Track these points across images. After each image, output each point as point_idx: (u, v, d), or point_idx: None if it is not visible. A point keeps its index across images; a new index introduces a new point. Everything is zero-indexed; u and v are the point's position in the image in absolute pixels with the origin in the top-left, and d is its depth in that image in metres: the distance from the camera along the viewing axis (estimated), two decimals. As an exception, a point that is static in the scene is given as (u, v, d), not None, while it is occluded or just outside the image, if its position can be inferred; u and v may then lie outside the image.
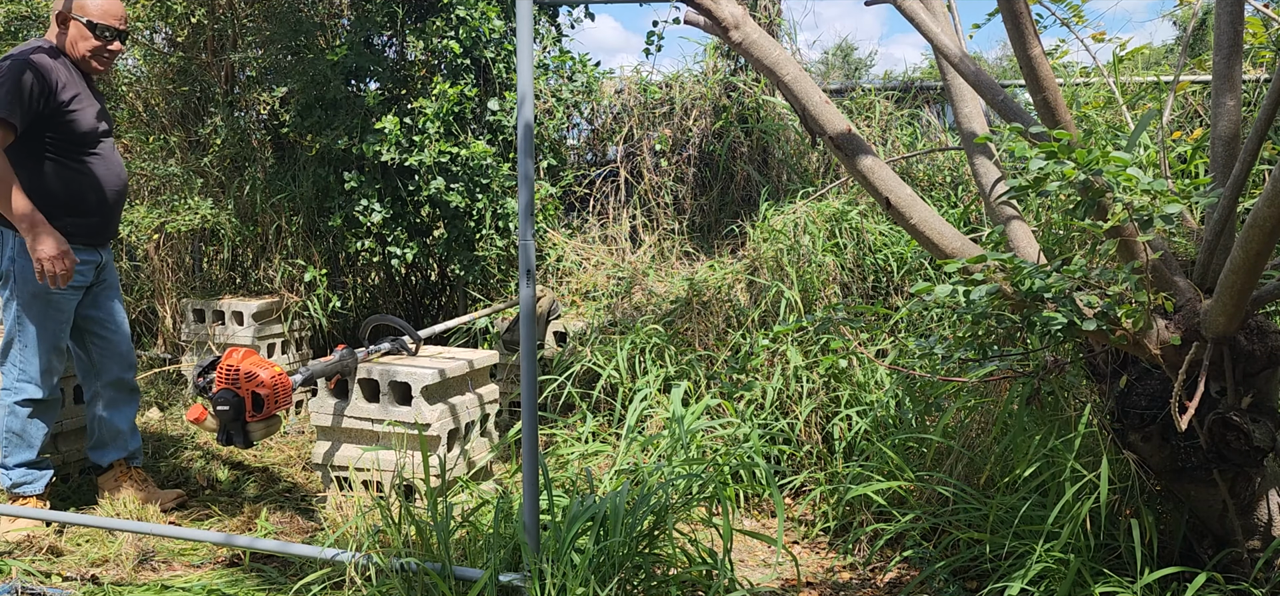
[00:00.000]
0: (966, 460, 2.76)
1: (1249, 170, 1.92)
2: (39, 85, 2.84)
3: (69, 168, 2.97)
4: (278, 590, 2.53)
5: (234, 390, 2.65)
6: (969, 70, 2.23)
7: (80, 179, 3.00)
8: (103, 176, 3.06)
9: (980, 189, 2.49)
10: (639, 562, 2.27)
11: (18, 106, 2.79)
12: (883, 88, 5.18)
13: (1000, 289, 1.96)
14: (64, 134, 2.94)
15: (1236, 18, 2.08)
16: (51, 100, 2.88)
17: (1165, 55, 7.04)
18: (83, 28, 2.98)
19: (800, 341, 3.52)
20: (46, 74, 2.87)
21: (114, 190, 3.11)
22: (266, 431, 2.72)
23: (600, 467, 3.23)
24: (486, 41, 4.53)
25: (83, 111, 2.97)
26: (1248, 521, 2.14)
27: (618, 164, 4.94)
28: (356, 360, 3.03)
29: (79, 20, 2.97)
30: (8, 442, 3.08)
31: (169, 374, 4.83)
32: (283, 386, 2.70)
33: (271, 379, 2.67)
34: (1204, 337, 1.96)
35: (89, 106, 3.01)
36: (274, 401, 2.67)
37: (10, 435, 3.07)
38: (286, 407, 2.90)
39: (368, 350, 3.12)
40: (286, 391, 2.72)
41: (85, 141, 2.99)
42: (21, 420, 3.06)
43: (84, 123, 2.97)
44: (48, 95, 2.87)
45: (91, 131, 3.00)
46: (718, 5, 2.21)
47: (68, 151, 2.96)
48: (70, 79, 2.96)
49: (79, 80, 3.01)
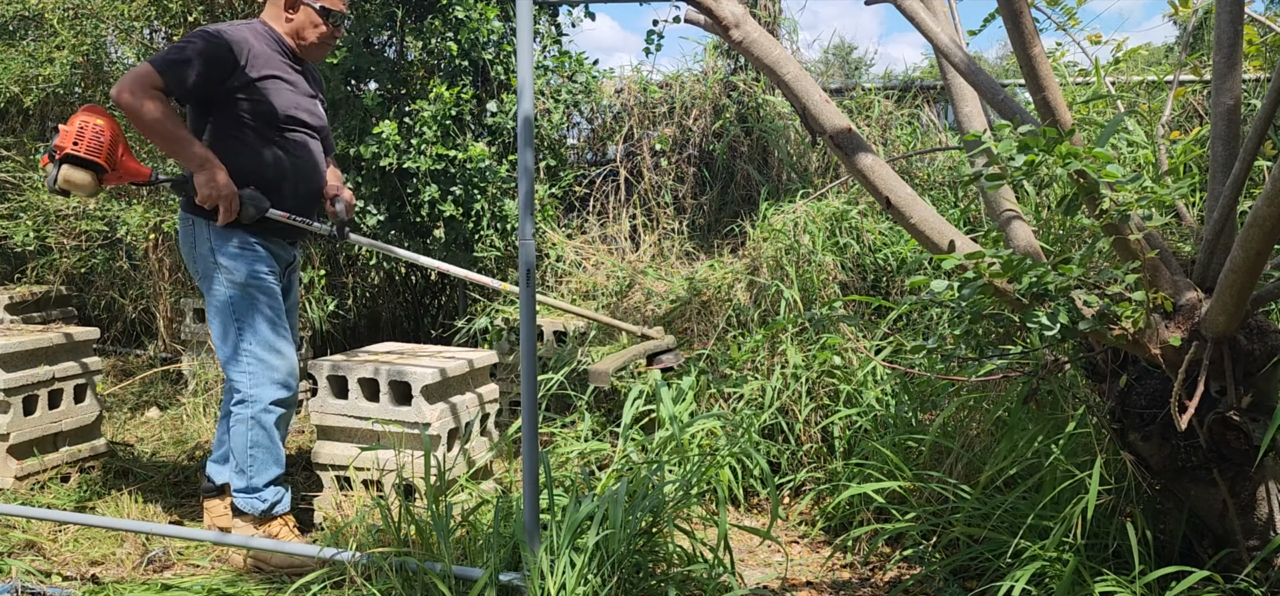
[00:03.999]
0: (966, 459, 2.76)
1: (1249, 169, 1.92)
2: (223, 57, 2.71)
3: (248, 148, 2.80)
4: (278, 590, 2.53)
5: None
6: (969, 70, 2.23)
7: (276, 163, 2.84)
8: (289, 167, 2.87)
9: (981, 189, 2.49)
10: (638, 561, 2.27)
11: (185, 69, 2.66)
12: (883, 87, 5.18)
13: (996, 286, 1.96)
14: (246, 113, 2.78)
15: (1236, 17, 2.08)
16: (237, 76, 2.74)
17: (1165, 55, 7.04)
18: (315, 13, 2.89)
19: (799, 340, 3.52)
20: (237, 47, 2.73)
21: (303, 188, 2.91)
22: (72, 178, 2.61)
23: (608, 473, 3.23)
24: (485, 43, 4.53)
25: (276, 94, 2.81)
26: (1247, 521, 2.14)
27: (617, 163, 4.94)
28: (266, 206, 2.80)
29: (312, 6, 2.89)
30: (252, 460, 2.80)
31: (169, 374, 4.83)
32: (89, 131, 2.62)
33: (77, 123, 2.61)
34: (1204, 337, 1.96)
35: (287, 91, 2.85)
36: (76, 140, 2.58)
37: (256, 449, 2.79)
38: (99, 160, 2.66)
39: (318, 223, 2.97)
40: (96, 139, 2.62)
41: (273, 124, 2.82)
42: (268, 429, 2.80)
43: (275, 105, 2.80)
44: (233, 70, 2.73)
45: (283, 115, 2.83)
46: (718, 4, 2.21)
47: (245, 132, 2.79)
48: (269, 58, 2.82)
49: (284, 65, 2.87)
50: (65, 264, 5.07)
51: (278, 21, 2.91)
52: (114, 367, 5.14)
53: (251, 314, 2.79)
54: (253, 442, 2.81)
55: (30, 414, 3.46)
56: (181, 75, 2.65)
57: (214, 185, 2.67)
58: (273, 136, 2.83)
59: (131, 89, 2.58)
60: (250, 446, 2.81)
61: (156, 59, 2.66)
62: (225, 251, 2.78)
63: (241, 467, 2.82)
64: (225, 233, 2.77)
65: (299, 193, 2.90)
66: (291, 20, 2.90)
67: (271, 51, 2.84)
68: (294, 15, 2.90)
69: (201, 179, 2.67)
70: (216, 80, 2.72)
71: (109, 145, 2.63)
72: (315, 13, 2.89)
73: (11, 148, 5.21)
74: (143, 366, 5.05)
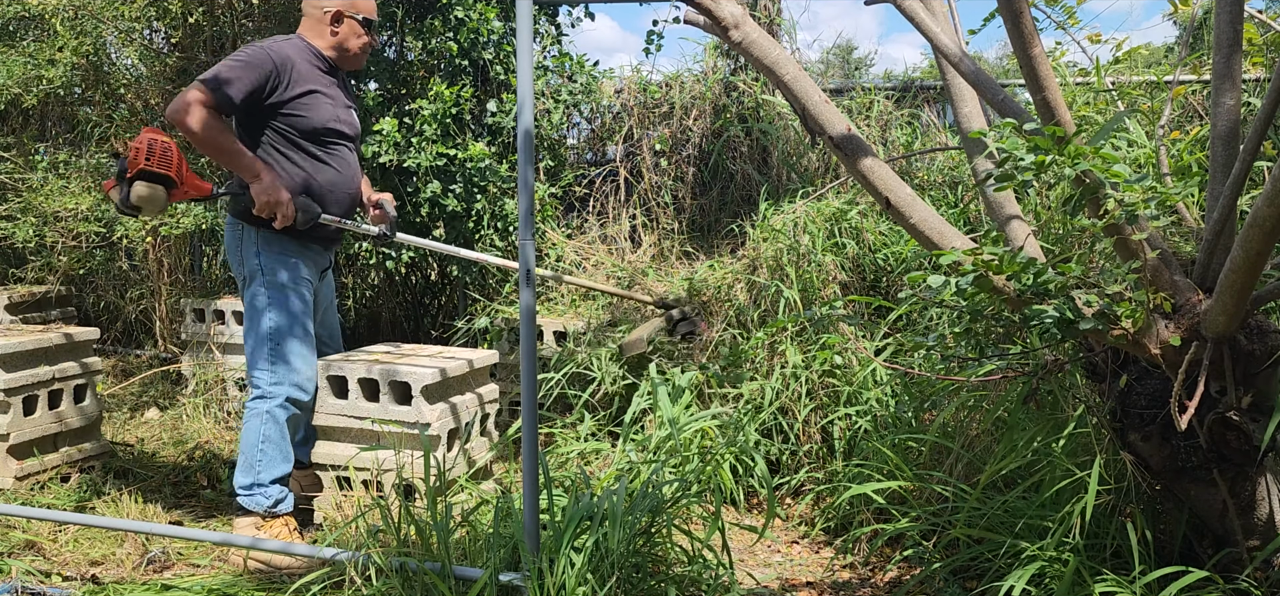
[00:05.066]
0: (966, 459, 2.76)
1: (1249, 169, 1.92)
2: (269, 73, 2.84)
3: (293, 163, 2.93)
4: (277, 590, 2.53)
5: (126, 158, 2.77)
6: (969, 70, 2.23)
7: (312, 177, 2.95)
8: (332, 179, 3.00)
9: (981, 190, 2.49)
10: (638, 562, 2.27)
11: (235, 86, 2.77)
12: (882, 87, 5.18)
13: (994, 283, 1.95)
14: (292, 126, 2.91)
15: (1236, 17, 2.08)
16: (282, 92, 2.87)
17: (1165, 54, 7.04)
18: (358, 25, 3.03)
19: (799, 341, 3.52)
20: (280, 65, 2.87)
21: (344, 195, 3.04)
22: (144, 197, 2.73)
23: (600, 466, 3.23)
24: (485, 43, 4.53)
25: (317, 109, 2.94)
26: (1247, 521, 2.14)
27: (617, 164, 4.94)
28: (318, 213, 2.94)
29: (355, 18, 3.02)
30: (263, 455, 2.87)
31: (169, 374, 4.83)
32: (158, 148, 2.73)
33: (146, 141, 2.73)
34: (1204, 337, 1.96)
35: (328, 105, 2.98)
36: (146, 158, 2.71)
37: (267, 445, 2.87)
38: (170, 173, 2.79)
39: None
40: (164, 155, 2.74)
41: (316, 138, 2.95)
42: (281, 426, 2.90)
43: (316, 119, 2.94)
44: (278, 86, 2.86)
45: (324, 129, 2.96)
46: (718, 5, 2.21)
47: (291, 148, 2.92)
48: (309, 74, 2.95)
49: (323, 78, 2.99)
50: (64, 264, 5.07)
51: (318, 37, 3.03)
52: (114, 368, 5.14)
53: (284, 317, 2.92)
54: (264, 437, 2.86)
55: (30, 414, 3.46)
56: (230, 92, 2.77)
57: (272, 194, 2.80)
58: (315, 148, 2.96)
59: (186, 107, 2.71)
60: (262, 441, 2.86)
61: (206, 77, 2.78)
62: (269, 257, 2.91)
63: (250, 462, 2.87)
64: (272, 239, 2.91)
65: (341, 199, 3.03)
66: (336, 33, 3.02)
67: (311, 67, 2.97)
68: (339, 28, 3.02)
69: (258, 189, 2.79)
70: (262, 95, 2.84)
71: (177, 160, 2.76)
72: (359, 24, 3.03)
73: (11, 148, 5.21)
74: (143, 366, 5.05)
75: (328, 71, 3.03)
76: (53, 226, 4.78)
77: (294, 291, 2.94)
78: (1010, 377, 2.55)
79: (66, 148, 5.25)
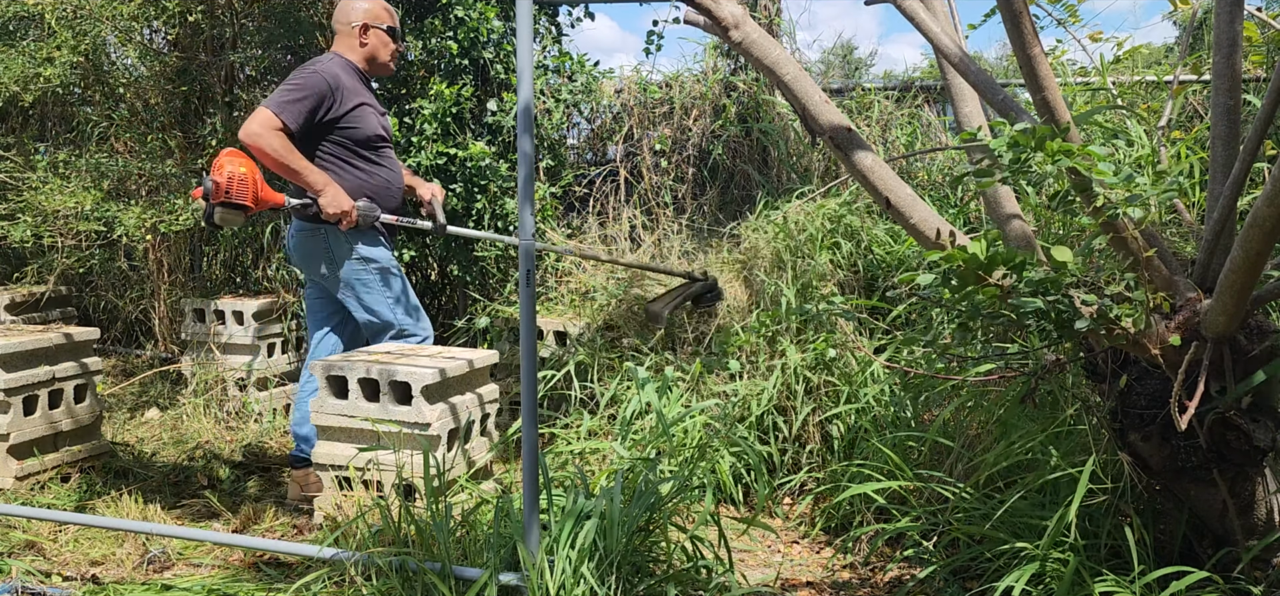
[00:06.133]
0: (966, 459, 2.76)
1: (1249, 169, 1.92)
2: (325, 94, 3.16)
3: (352, 169, 3.25)
4: (277, 590, 2.53)
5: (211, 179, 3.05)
6: (968, 69, 2.23)
7: (367, 180, 3.27)
8: (387, 180, 3.34)
9: (980, 189, 2.49)
10: (637, 562, 2.27)
11: (298, 109, 3.10)
12: (882, 87, 5.18)
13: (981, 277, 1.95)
14: (348, 138, 3.23)
15: (1236, 17, 2.08)
16: (336, 108, 3.18)
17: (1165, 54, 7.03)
18: (384, 34, 3.34)
19: (798, 341, 3.52)
20: (333, 84, 3.18)
21: (395, 193, 3.38)
22: (227, 216, 3.02)
23: (599, 465, 3.23)
24: (485, 42, 4.52)
25: (366, 120, 3.26)
26: (1247, 521, 2.14)
27: (617, 163, 4.94)
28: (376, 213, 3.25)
29: (380, 28, 3.33)
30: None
31: (169, 374, 4.83)
32: (237, 178, 3.01)
33: (227, 172, 3.00)
34: (1204, 337, 1.96)
35: (373, 115, 3.30)
36: (228, 189, 3.00)
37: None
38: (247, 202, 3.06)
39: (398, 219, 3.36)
40: (242, 185, 3.01)
41: (368, 145, 3.28)
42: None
43: (366, 129, 3.26)
44: (333, 104, 3.17)
45: (373, 137, 3.29)
46: (718, 5, 2.21)
47: (350, 156, 3.25)
48: (355, 88, 3.26)
49: (365, 91, 3.31)
50: (63, 264, 5.07)
51: (351, 51, 3.33)
52: (114, 368, 5.14)
53: (395, 282, 3.36)
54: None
55: (30, 414, 3.46)
56: (296, 113, 3.10)
57: (339, 202, 3.13)
58: (368, 154, 3.29)
59: (258, 131, 3.04)
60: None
61: (272, 102, 3.10)
62: (361, 244, 3.28)
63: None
64: (353, 233, 3.25)
65: (394, 197, 3.38)
66: (365, 45, 3.32)
67: (354, 81, 3.28)
68: (367, 39, 3.32)
69: (327, 199, 3.12)
70: (320, 113, 3.16)
71: (253, 186, 3.03)
72: (384, 33, 3.34)
73: (11, 147, 5.21)
74: (143, 366, 5.05)
75: (364, 82, 3.33)
76: (52, 226, 4.77)
77: (391, 265, 3.34)
78: (1009, 377, 2.55)
79: (66, 147, 5.25)
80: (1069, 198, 1.97)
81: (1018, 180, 1.91)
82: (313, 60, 3.29)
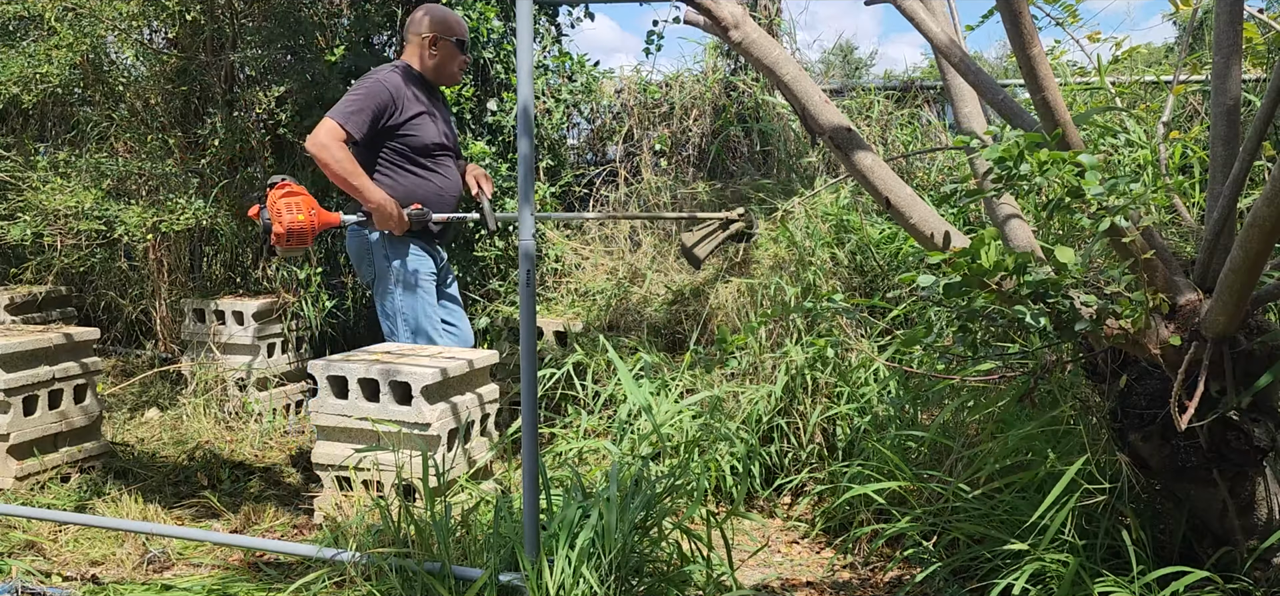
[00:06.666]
0: (966, 459, 2.76)
1: (1248, 169, 1.92)
2: (386, 103, 3.28)
3: (410, 175, 3.39)
4: (277, 590, 2.53)
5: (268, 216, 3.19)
6: (968, 70, 2.23)
7: (421, 186, 3.41)
8: (440, 187, 3.47)
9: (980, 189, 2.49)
10: (636, 562, 2.27)
11: (361, 118, 3.23)
12: (882, 87, 5.18)
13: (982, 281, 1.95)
14: (406, 145, 3.36)
15: (1235, 18, 2.08)
16: (396, 116, 3.31)
17: (1165, 54, 7.03)
18: (452, 46, 3.46)
19: (801, 343, 3.52)
20: (395, 94, 3.31)
21: (450, 200, 3.51)
22: (288, 253, 3.25)
23: (598, 464, 3.23)
24: (485, 42, 4.52)
25: (424, 129, 3.39)
26: (1247, 521, 2.14)
27: (617, 164, 4.94)
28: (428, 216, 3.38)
29: (449, 40, 3.44)
30: None
31: (169, 374, 4.83)
32: (296, 230, 3.16)
33: (286, 225, 3.13)
34: (1204, 337, 1.96)
35: (432, 123, 3.42)
36: (287, 240, 3.15)
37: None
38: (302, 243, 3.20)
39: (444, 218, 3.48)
40: (300, 234, 3.16)
41: (425, 153, 3.41)
42: None
43: (425, 137, 3.39)
44: (393, 112, 3.30)
45: (432, 145, 3.42)
46: (717, 5, 2.21)
47: (407, 163, 3.38)
48: (416, 99, 3.38)
49: (427, 100, 3.43)
50: (62, 264, 5.07)
51: (418, 60, 3.46)
52: (114, 368, 5.13)
53: (418, 299, 3.43)
54: None
55: (30, 414, 3.46)
56: (359, 122, 3.23)
57: (386, 214, 3.27)
58: (426, 162, 3.42)
59: (325, 141, 3.18)
60: None
61: (337, 113, 3.23)
62: (396, 257, 3.39)
63: None
64: (397, 245, 3.39)
65: (448, 204, 3.50)
66: (435, 56, 3.45)
67: (416, 91, 3.40)
68: (437, 51, 3.45)
69: (381, 216, 3.27)
70: (381, 122, 3.29)
71: (310, 231, 3.18)
72: (453, 46, 3.46)
73: (11, 147, 5.20)
74: (143, 366, 5.05)
75: (428, 91, 3.46)
76: (52, 225, 4.77)
77: (418, 286, 3.43)
78: (1009, 377, 2.55)
79: (66, 147, 5.24)
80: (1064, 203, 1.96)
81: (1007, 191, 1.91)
82: (377, 68, 3.40)
